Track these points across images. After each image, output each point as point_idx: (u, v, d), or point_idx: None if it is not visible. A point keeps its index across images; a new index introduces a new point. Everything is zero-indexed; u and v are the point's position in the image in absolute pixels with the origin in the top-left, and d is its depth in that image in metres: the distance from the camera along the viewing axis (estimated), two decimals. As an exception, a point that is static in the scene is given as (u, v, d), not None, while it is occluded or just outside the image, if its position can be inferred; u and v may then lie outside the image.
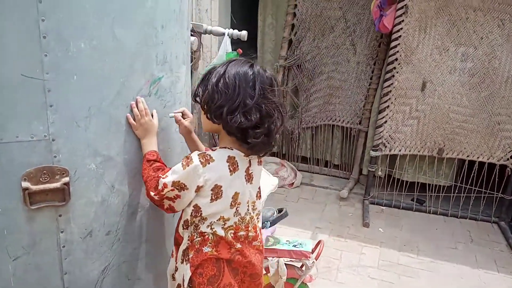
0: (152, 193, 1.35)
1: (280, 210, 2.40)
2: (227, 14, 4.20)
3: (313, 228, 3.41)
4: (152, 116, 1.41)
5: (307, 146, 4.34)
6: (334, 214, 3.65)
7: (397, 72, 3.54)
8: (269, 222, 2.26)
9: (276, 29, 4.25)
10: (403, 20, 3.41)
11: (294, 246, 2.34)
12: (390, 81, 3.56)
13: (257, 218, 1.51)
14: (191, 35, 3.05)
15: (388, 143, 3.68)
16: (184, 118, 1.50)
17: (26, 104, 1.13)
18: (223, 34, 2.99)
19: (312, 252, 2.34)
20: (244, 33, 3.01)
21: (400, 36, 3.45)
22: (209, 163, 1.31)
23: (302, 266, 2.30)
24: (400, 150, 3.67)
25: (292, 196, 3.94)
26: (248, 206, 1.43)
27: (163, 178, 1.32)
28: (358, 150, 4.13)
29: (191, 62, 3.12)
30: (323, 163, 4.36)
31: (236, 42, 4.98)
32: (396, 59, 3.51)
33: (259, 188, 1.49)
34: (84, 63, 1.18)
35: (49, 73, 1.14)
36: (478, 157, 3.55)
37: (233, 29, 3.01)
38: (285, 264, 2.27)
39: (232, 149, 1.34)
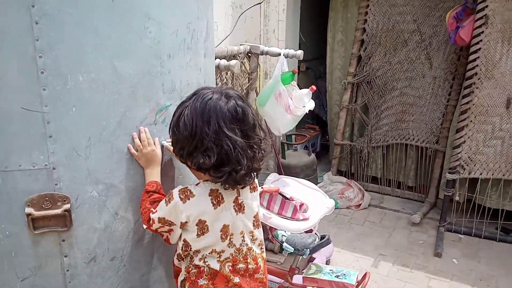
0: (144, 226, 1.36)
1: (322, 237, 2.27)
2: (295, 33, 4.16)
3: (375, 255, 3.17)
4: (155, 145, 1.41)
5: (378, 166, 4.09)
6: (402, 241, 3.37)
7: (476, 88, 3.19)
8: (308, 250, 2.14)
9: (345, 45, 4.10)
10: (482, 32, 3.08)
11: (337, 276, 2.19)
12: (469, 97, 3.23)
13: (260, 248, 1.43)
14: (248, 56, 3.06)
15: (467, 165, 3.31)
16: None
17: (27, 135, 1.20)
18: (279, 54, 2.96)
19: (358, 284, 2.17)
20: (299, 52, 2.95)
21: (479, 49, 3.11)
22: (189, 199, 1.28)
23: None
24: (481, 174, 3.29)
25: (358, 219, 3.73)
26: (244, 236, 1.37)
27: (152, 213, 1.33)
28: (435, 172, 3.79)
29: (248, 83, 3.14)
30: (396, 184, 4.08)
31: (309, 59, 4.91)
32: (476, 74, 3.17)
33: (256, 216, 1.41)
34: (82, 95, 1.23)
35: (48, 105, 1.19)
36: None
37: (292, 49, 2.98)
38: (326, 295, 2.14)
39: (215, 182, 1.29)
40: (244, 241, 1.37)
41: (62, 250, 1.31)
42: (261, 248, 1.44)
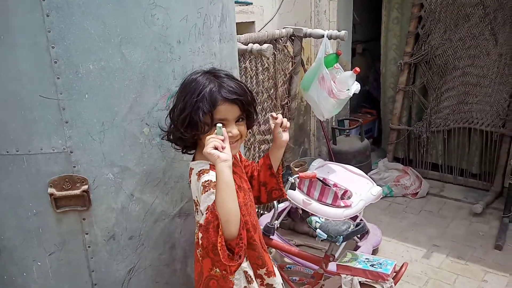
0: None
1: (357, 225, 2.19)
2: (348, 13, 4.01)
3: (429, 246, 3.01)
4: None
5: (438, 152, 3.85)
6: (460, 232, 3.16)
7: (547, 65, 2.86)
8: (341, 237, 2.08)
9: (401, 23, 3.88)
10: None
11: (372, 265, 2.11)
12: (538, 75, 2.91)
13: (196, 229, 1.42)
14: (291, 39, 3.02)
15: (536, 151, 3.01)
16: None
17: (46, 121, 1.30)
18: (323, 36, 2.88)
19: (397, 274, 2.08)
20: (343, 33, 2.84)
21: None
22: None
23: (383, 288, 2.06)
24: (554, 161, 2.97)
25: (414, 208, 3.56)
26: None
27: None
28: (502, 158, 3.49)
29: (291, 67, 3.09)
30: (458, 171, 3.81)
31: (366, 41, 4.71)
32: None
33: (195, 201, 1.35)
34: (93, 82, 1.30)
35: (63, 93, 1.28)
36: None
37: (344, 30, 2.87)
38: (361, 283, 2.08)
39: None
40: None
41: (83, 228, 1.41)
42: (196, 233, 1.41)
